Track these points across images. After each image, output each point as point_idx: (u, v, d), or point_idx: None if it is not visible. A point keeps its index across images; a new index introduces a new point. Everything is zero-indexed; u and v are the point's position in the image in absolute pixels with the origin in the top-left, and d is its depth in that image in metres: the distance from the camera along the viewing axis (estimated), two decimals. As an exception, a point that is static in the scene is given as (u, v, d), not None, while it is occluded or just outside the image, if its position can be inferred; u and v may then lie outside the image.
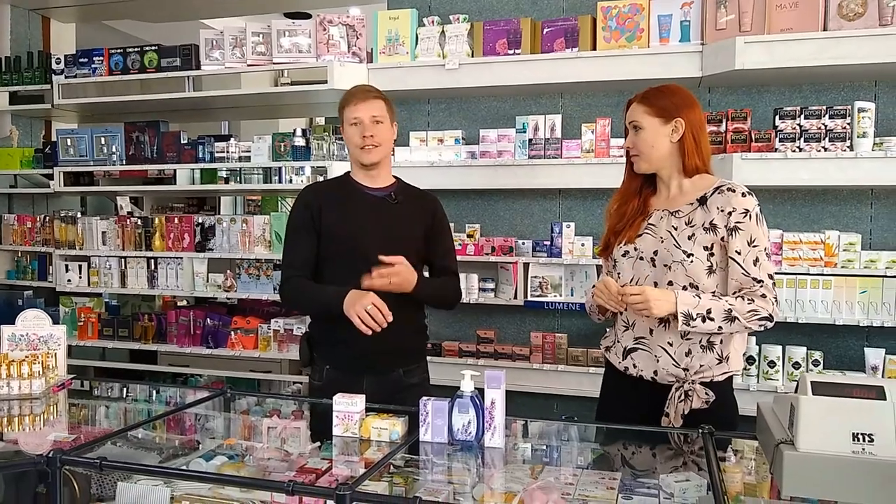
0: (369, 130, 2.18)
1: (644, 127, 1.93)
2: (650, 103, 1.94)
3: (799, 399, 1.32)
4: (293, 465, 1.64)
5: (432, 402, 1.71)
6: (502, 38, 3.25)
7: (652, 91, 1.98)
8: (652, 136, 1.93)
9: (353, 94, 2.23)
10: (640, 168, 1.98)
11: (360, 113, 2.18)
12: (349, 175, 2.32)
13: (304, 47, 3.44)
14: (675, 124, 1.91)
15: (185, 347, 3.70)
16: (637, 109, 1.96)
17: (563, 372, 3.22)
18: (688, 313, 1.79)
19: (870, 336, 3.01)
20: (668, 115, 1.92)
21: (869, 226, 3.05)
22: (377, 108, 2.20)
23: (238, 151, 3.61)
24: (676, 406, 1.87)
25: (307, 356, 2.29)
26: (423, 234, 2.27)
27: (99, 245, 3.88)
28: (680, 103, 1.92)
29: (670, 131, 1.92)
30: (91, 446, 1.73)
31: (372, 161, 2.21)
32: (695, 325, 1.80)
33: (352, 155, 2.26)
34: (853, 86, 3.04)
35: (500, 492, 1.53)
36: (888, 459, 1.25)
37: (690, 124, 1.92)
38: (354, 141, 2.20)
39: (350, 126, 2.20)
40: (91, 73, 3.83)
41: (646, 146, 1.94)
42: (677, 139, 1.92)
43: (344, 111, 2.22)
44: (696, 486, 1.51)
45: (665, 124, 1.92)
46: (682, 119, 1.91)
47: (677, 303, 1.80)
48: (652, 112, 1.93)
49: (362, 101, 2.19)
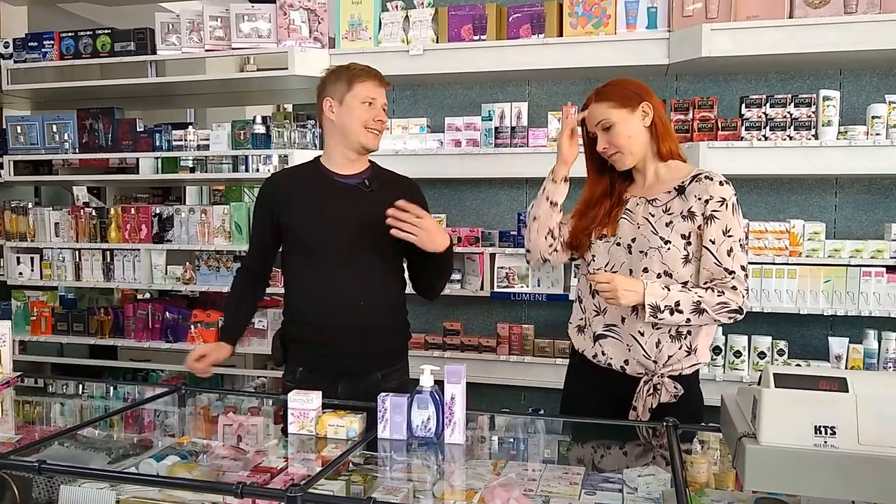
0: (382, 116, 2.07)
1: (614, 122, 1.87)
2: (610, 97, 1.89)
3: (761, 392, 1.29)
4: (248, 465, 1.59)
5: (390, 397, 1.67)
6: (467, 23, 3.19)
7: (605, 86, 1.93)
8: (625, 128, 1.87)
9: (368, 72, 2.06)
10: (626, 164, 1.91)
11: (378, 95, 2.05)
12: (319, 161, 2.17)
13: (264, 32, 3.35)
14: (643, 108, 1.87)
15: (143, 342, 3.59)
16: (599, 108, 1.89)
17: (530, 363, 3.19)
18: (655, 305, 1.76)
19: (834, 325, 3.04)
20: (633, 103, 1.87)
21: (833, 215, 3.06)
22: (386, 96, 2.12)
23: (197, 140, 3.50)
24: (645, 400, 1.85)
25: (280, 355, 2.18)
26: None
27: (52, 237, 3.75)
28: (638, 90, 1.89)
29: (641, 117, 1.88)
30: (35, 447, 1.65)
31: (376, 147, 2.09)
32: (662, 317, 1.77)
33: (348, 135, 2.06)
34: (818, 74, 3.05)
35: (461, 489, 1.50)
36: (850, 452, 1.23)
37: (655, 108, 1.88)
38: (363, 119, 2.03)
39: (361, 104, 2.03)
40: (41, 58, 3.68)
41: (623, 139, 1.88)
42: (649, 123, 1.88)
43: (355, 86, 2.03)
44: (659, 481, 1.49)
45: (633, 112, 1.87)
46: (648, 102, 1.87)
47: (645, 294, 1.76)
48: (616, 104, 1.87)
49: (383, 85, 2.07)
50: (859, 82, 3.02)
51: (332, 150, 2.13)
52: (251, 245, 2.28)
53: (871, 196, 3.03)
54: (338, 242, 2.05)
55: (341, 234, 2.06)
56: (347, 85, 2.04)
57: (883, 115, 2.78)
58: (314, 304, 2.09)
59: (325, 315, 2.06)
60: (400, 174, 2.24)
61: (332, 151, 2.13)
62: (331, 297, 2.06)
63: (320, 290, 2.07)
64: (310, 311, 2.10)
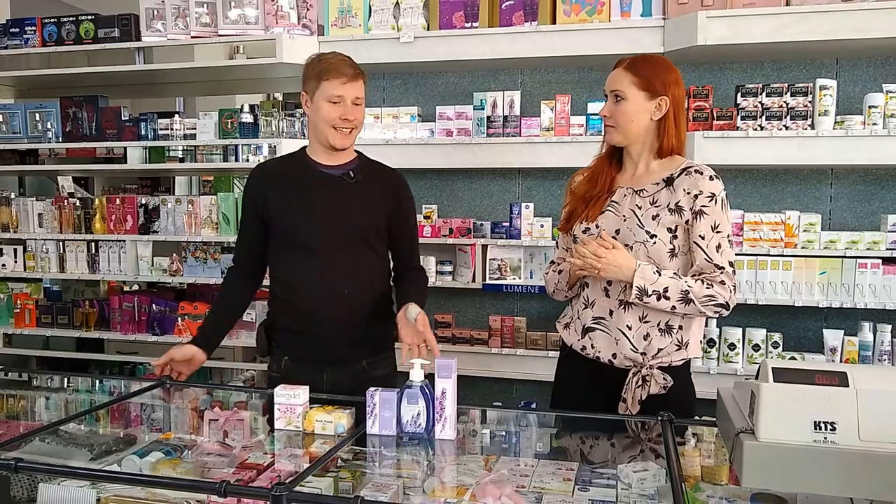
0: (351, 113, 2.00)
1: (628, 98, 1.83)
2: (639, 73, 1.83)
3: (760, 386, 1.26)
4: (234, 461, 1.55)
5: (380, 392, 1.63)
6: (459, 10, 3.14)
7: (641, 59, 1.86)
8: (633, 110, 1.83)
9: (336, 68, 1.98)
10: (614, 139, 1.89)
11: (345, 92, 1.98)
12: (305, 151, 2.13)
13: (251, 18, 3.29)
14: (659, 101, 1.82)
15: (129, 335, 3.54)
16: (623, 78, 1.84)
17: (523, 356, 3.16)
18: (643, 288, 1.75)
19: (828, 317, 3.02)
20: (655, 91, 1.82)
21: (829, 206, 3.04)
22: (360, 88, 2.01)
23: (183, 129, 3.43)
24: (634, 391, 1.83)
25: (265, 346, 2.16)
26: (384, 217, 2.10)
27: (35, 227, 3.68)
28: (668, 80, 1.82)
29: (653, 108, 1.83)
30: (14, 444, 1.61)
31: (345, 146, 2.05)
32: (648, 300, 1.76)
33: (318, 132, 2.04)
34: (815, 63, 3.01)
35: (452, 486, 1.48)
36: (850, 448, 1.21)
37: (674, 104, 1.83)
38: (329, 118, 1.98)
39: (327, 102, 1.98)
40: (23, 45, 3.61)
41: (625, 119, 1.84)
42: (658, 117, 1.84)
43: (322, 84, 1.97)
44: (654, 476, 1.47)
45: (650, 99, 1.82)
46: (667, 97, 1.82)
47: (635, 275, 1.75)
48: (639, 84, 1.82)
49: (351, 80, 1.97)
50: (856, 71, 2.99)
51: (314, 142, 2.11)
52: (241, 238, 2.23)
53: (868, 187, 3.01)
54: (321, 232, 2.03)
55: (324, 225, 2.04)
56: (316, 81, 1.99)
57: (880, 105, 2.75)
58: (299, 293, 2.06)
59: (310, 304, 2.05)
60: (387, 166, 2.20)
61: (314, 143, 2.11)
62: (316, 285, 2.04)
63: (305, 280, 2.05)
64: (295, 300, 2.08)
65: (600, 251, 1.77)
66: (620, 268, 1.76)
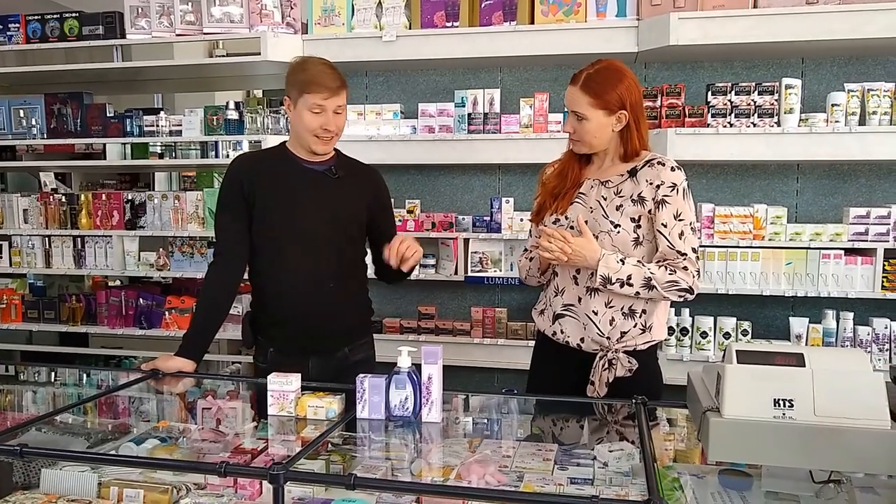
0: (332, 123, 2.04)
1: (588, 119, 1.89)
2: (593, 93, 1.87)
3: (725, 368, 1.35)
4: (228, 447, 1.60)
5: (369, 378, 1.69)
6: (440, 10, 3.21)
7: (594, 76, 1.89)
8: (595, 127, 1.90)
9: (319, 82, 2.00)
10: (580, 151, 1.98)
11: (327, 104, 2.02)
12: (286, 146, 2.17)
13: (235, 17, 3.32)
14: (619, 115, 1.89)
15: (116, 329, 3.57)
16: (580, 99, 1.89)
17: (503, 346, 3.25)
18: (607, 277, 1.84)
19: (794, 306, 3.14)
20: (612, 108, 1.88)
21: (795, 199, 3.16)
22: (342, 98, 2.05)
23: (168, 125, 3.46)
24: (601, 374, 1.92)
25: (250, 338, 2.21)
26: (365, 210, 2.18)
27: (20, 223, 3.69)
28: (623, 91, 1.87)
29: (614, 121, 1.90)
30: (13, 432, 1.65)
31: (326, 151, 2.10)
32: (612, 287, 1.85)
33: (300, 137, 2.08)
34: (781, 63, 3.12)
35: (438, 466, 1.53)
36: (806, 423, 1.30)
37: (633, 112, 1.89)
38: (311, 128, 2.02)
39: (309, 112, 2.02)
40: (7, 41, 3.60)
41: (588, 136, 1.92)
42: (620, 129, 1.92)
43: (305, 94, 2.01)
44: (628, 456, 1.54)
45: (609, 116, 1.89)
46: (626, 111, 1.88)
47: (599, 264, 1.84)
48: (596, 104, 1.87)
49: (333, 94, 2.01)
50: (820, 71, 3.10)
51: (295, 142, 2.15)
52: (222, 235, 2.15)
53: (831, 181, 3.13)
54: (305, 226, 2.08)
55: (308, 218, 2.09)
56: (299, 91, 2.03)
57: (842, 104, 2.86)
58: (283, 286, 2.11)
59: (295, 297, 2.09)
60: (362, 162, 2.27)
61: (295, 142, 2.15)
62: (300, 279, 2.09)
63: (289, 274, 2.09)
64: (279, 293, 2.12)
65: (568, 240, 1.85)
66: (585, 257, 1.85)
